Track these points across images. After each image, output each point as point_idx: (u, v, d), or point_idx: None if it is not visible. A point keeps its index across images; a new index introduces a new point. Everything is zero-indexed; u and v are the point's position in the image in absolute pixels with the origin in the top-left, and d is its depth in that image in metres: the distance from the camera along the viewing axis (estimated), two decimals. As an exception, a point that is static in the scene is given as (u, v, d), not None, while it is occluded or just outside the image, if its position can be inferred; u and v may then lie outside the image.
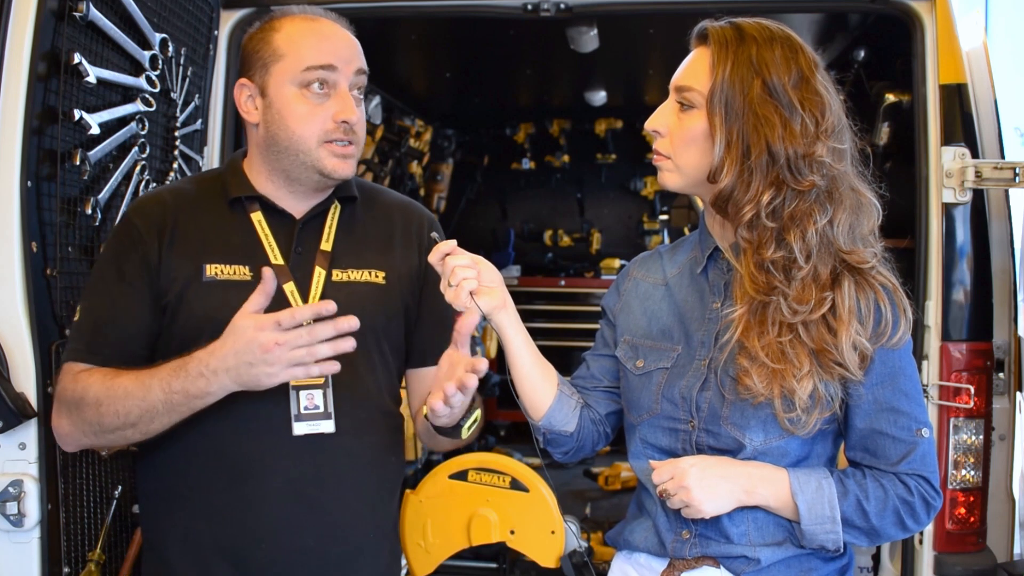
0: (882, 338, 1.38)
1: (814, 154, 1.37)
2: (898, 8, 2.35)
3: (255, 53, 1.62)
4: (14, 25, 1.72)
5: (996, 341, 2.29)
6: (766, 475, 1.41)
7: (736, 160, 1.38)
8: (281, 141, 1.61)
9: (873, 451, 1.42)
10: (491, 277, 1.48)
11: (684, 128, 1.43)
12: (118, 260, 1.63)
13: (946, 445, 2.21)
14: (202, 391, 1.45)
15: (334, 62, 1.59)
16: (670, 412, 1.48)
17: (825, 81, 1.42)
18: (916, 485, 1.40)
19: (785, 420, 1.38)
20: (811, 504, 1.39)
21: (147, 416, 1.49)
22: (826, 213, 1.38)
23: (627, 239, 5.63)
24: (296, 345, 1.40)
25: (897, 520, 1.41)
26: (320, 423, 1.58)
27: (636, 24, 3.14)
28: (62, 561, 1.79)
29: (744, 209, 1.38)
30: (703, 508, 1.40)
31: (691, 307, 1.51)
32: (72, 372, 1.58)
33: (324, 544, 1.61)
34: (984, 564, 2.21)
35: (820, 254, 1.38)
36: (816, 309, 1.37)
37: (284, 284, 1.61)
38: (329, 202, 1.70)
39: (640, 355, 1.53)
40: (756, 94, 1.37)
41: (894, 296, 1.40)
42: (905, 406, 1.41)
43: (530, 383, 1.56)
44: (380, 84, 4.21)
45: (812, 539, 1.40)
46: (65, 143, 1.82)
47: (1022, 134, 6.44)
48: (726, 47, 1.39)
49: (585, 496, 4.05)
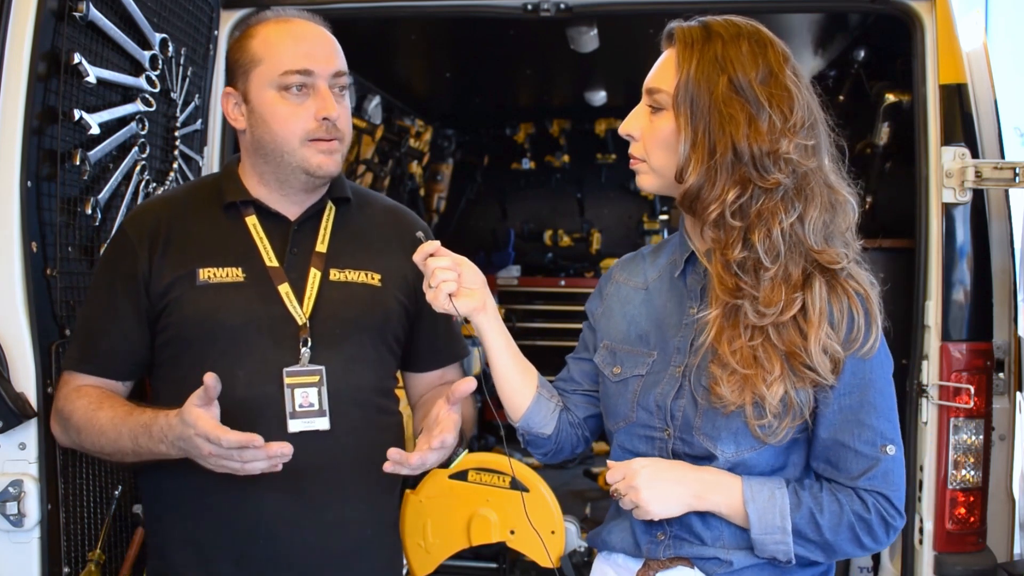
0: (853, 345, 1.36)
1: (779, 151, 1.34)
2: (898, 8, 2.35)
3: (236, 61, 1.66)
4: (14, 25, 1.72)
5: (996, 341, 2.29)
6: (719, 481, 1.39)
7: (702, 159, 1.36)
8: (266, 144, 1.64)
9: (834, 463, 1.39)
10: (472, 279, 1.49)
11: (655, 130, 1.43)
12: (110, 271, 1.68)
13: (946, 445, 2.21)
14: (164, 454, 1.52)
15: (309, 66, 1.60)
16: (645, 420, 1.47)
17: (795, 76, 1.40)
18: (874, 502, 1.37)
19: (756, 427, 1.36)
20: (761, 513, 1.37)
21: (118, 455, 1.59)
22: (794, 211, 1.36)
23: (627, 239, 5.62)
24: (226, 460, 1.43)
25: (852, 536, 1.37)
26: (315, 420, 1.60)
27: (636, 24, 3.13)
28: (62, 561, 1.79)
29: (710, 208, 1.37)
30: (651, 509, 1.39)
31: (669, 312, 1.50)
32: (66, 387, 1.66)
33: (324, 541, 1.62)
34: (984, 564, 2.21)
35: (790, 254, 1.36)
36: (786, 310, 1.34)
37: (279, 286, 1.63)
38: (323, 203, 1.71)
39: (617, 361, 1.52)
40: (721, 92, 1.35)
41: (867, 303, 1.38)
42: (872, 420, 1.37)
43: (509, 385, 1.56)
44: (380, 84, 4.21)
45: (762, 548, 1.38)
46: (65, 143, 1.82)
47: (1022, 134, 6.44)
48: (691, 46, 1.38)
49: (585, 496, 4.05)
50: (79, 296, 1.86)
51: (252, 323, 1.61)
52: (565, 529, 2.53)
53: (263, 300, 1.62)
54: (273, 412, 1.58)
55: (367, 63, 3.67)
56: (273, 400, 1.58)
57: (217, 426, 1.41)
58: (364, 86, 4.10)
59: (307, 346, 1.60)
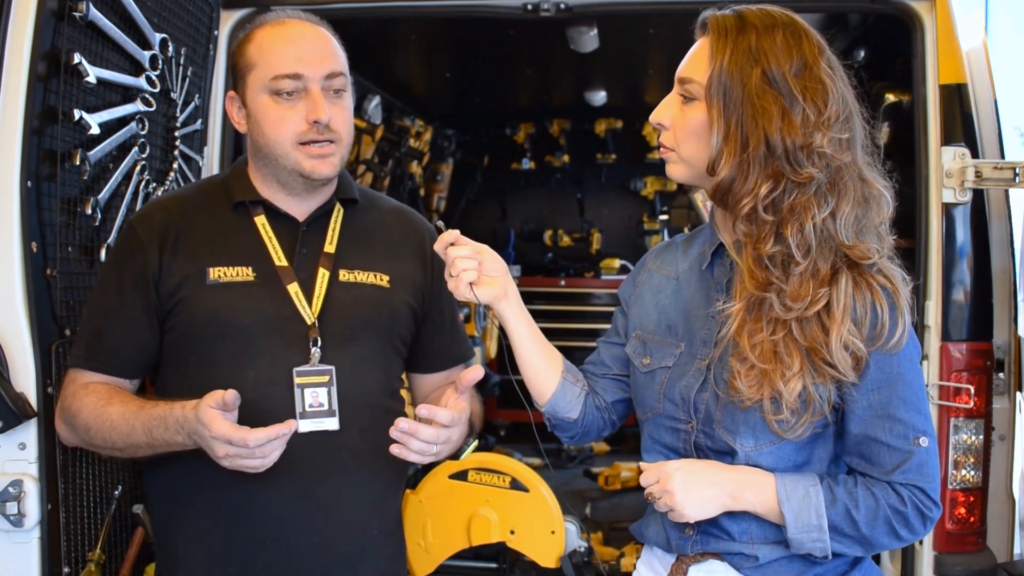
0: (878, 341, 1.35)
1: (813, 145, 1.33)
2: (898, 8, 2.35)
3: (236, 66, 1.67)
4: (14, 25, 1.72)
5: (996, 341, 2.29)
6: (753, 480, 1.39)
7: (734, 151, 1.35)
8: (262, 147, 1.65)
9: (868, 458, 1.39)
10: (493, 266, 1.50)
11: (686, 120, 1.42)
12: (119, 269, 1.67)
13: (946, 445, 2.21)
14: (180, 444, 1.52)
15: (299, 69, 1.60)
16: (671, 412, 1.47)
17: (830, 68, 1.38)
18: (910, 495, 1.37)
19: (774, 423, 1.36)
20: (797, 512, 1.37)
21: (131, 449, 1.58)
22: (827, 206, 1.35)
23: (627, 239, 5.62)
24: (244, 458, 1.44)
25: (889, 530, 1.37)
26: (324, 420, 1.60)
27: (636, 24, 3.13)
28: (62, 561, 1.79)
29: (743, 201, 1.36)
30: (686, 512, 1.39)
31: (697, 304, 1.50)
32: (73, 385, 1.64)
33: (330, 542, 1.63)
34: (984, 564, 2.21)
35: (820, 249, 1.35)
36: (812, 306, 1.34)
37: (288, 285, 1.63)
38: (331, 204, 1.72)
39: (647, 352, 1.53)
40: (755, 84, 1.34)
41: (894, 298, 1.36)
42: (902, 413, 1.37)
43: (533, 369, 1.58)
44: (380, 84, 4.21)
45: (799, 546, 1.39)
46: (65, 143, 1.82)
47: (1022, 134, 6.44)
48: (725, 36, 1.37)
49: (585, 496, 4.05)
50: (79, 296, 1.86)
51: (262, 323, 1.61)
52: (565, 529, 2.53)
53: (273, 300, 1.62)
54: (283, 412, 1.57)
55: (367, 63, 3.67)
56: (283, 400, 1.58)
57: (238, 428, 1.41)
58: (364, 86, 4.10)
59: (317, 346, 1.60)
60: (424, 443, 1.49)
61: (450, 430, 1.52)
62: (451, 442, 1.55)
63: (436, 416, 1.49)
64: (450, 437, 1.53)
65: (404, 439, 1.48)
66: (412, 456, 1.50)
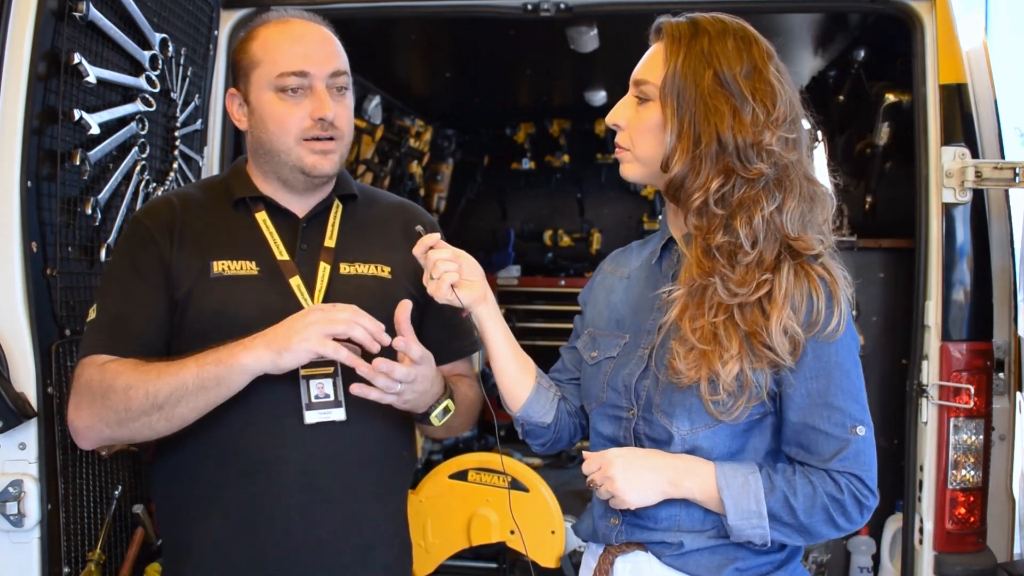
0: (814, 328, 1.38)
1: (762, 142, 1.39)
2: (898, 8, 2.35)
3: (238, 63, 1.68)
4: (14, 25, 1.72)
5: (996, 341, 2.30)
6: (692, 468, 1.42)
7: (687, 148, 1.41)
8: (264, 144, 1.66)
9: (806, 446, 1.41)
10: (472, 271, 1.53)
11: (641, 120, 1.47)
12: (132, 257, 1.65)
13: (946, 445, 2.21)
14: (237, 361, 1.49)
15: (306, 67, 1.62)
16: (614, 400, 1.50)
17: (779, 72, 1.44)
18: (847, 483, 1.39)
19: (710, 403, 1.39)
20: (737, 498, 1.39)
21: (175, 396, 1.51)
22: (774, 200, 1.40)
23: (627, 239, 5.53)
24: (338, 317, 1.48)
25: (827, 517, 1.39)
26: (331, 411, 1.60)
27: (636, 24, 3.12)
28: (62, 561, 1.79)
29: (694, 196, 1.41)
30: (627, 498, 1.42)
31: (645, 297, 1.54)
32: (97, 363, 1.58)
33: (339, 537, 1.63)
34: (984, 564, 2.21)
35: (767, 240, 1.40)
36: (755, 291, 1.38)
37: (290, 279, 1.65)
38: (330, 200, 1.73)
39: (596, 346, 1.57)
40: (707, 84, 1.39)
41: (831, 288, 1.40)
42: (840, 402, 1.39)
43: (508, 376, 1.60)
44: (380, 84, 4.21)
45: (739, 533, 1.41)
46: (65, 143, 1.82)
47: (1022, 134, 6.44)
48: (679, 40, 1.43)
49: (585, 496, 4.04)
50: (79, 296, 1.86)
51: (267, 316, 1.60)
52: (565, 529, 2.53)
53: (276, 293, 1.63)
54: (289, 404, 1.58)
55: (367, 63, 3.67)
56: (290, 391, 1.59)
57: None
58: (364, 86, 4.10)
59: None
60: (390, 381, 1.50)
61: (419, 368, 1.53)
62: (417, 390, 1.55)
63: (410, 351, 1.51)
64: (417, 376, 1.53)
65: (373, 376, 1.49)
66: (372, 394, 1.50)
